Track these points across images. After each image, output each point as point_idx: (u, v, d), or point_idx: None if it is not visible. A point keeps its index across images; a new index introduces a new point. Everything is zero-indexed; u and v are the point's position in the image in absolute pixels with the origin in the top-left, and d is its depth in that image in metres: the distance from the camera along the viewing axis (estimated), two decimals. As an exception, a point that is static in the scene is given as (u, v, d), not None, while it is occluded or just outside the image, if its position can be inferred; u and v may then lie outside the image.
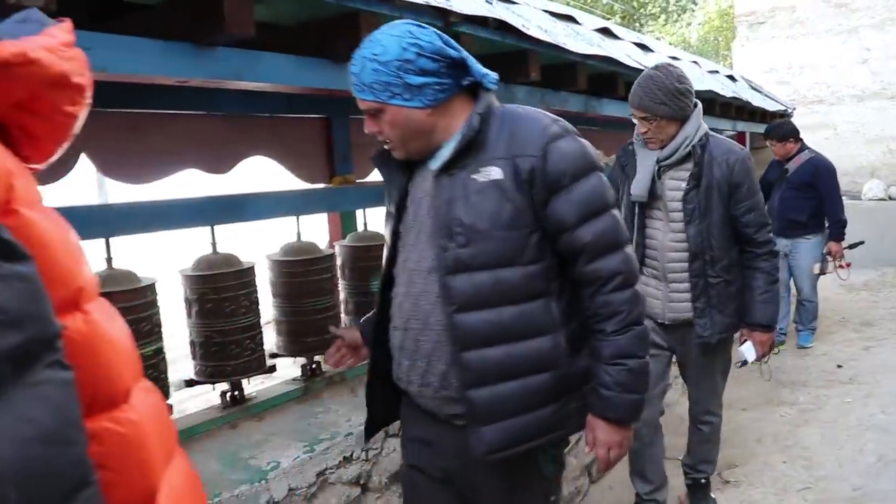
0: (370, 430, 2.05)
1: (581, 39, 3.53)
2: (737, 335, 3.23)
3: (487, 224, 1.67)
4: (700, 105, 3.00)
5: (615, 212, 1.76)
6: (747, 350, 3.20)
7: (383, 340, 1.90)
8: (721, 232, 2.98)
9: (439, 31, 1.67)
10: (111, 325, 0.84)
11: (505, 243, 1.68)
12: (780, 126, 6.23)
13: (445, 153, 1.71)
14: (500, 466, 1.79)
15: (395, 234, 1.87)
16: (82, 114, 0.83)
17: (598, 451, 1.82)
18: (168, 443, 0.94)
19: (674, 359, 3.35)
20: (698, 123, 2.96)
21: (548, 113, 1.77)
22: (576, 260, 1.73)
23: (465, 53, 1.67)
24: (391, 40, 1.61)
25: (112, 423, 0.80)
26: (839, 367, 5.70)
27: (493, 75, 1.71)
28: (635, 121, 3.00)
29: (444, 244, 1.70)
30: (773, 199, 6.06)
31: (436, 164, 1.74)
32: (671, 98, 2.86)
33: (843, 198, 6.32)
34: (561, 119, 1.76)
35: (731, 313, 3.07)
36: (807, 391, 5.21)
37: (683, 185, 2.97)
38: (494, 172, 1.68)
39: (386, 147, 1.77)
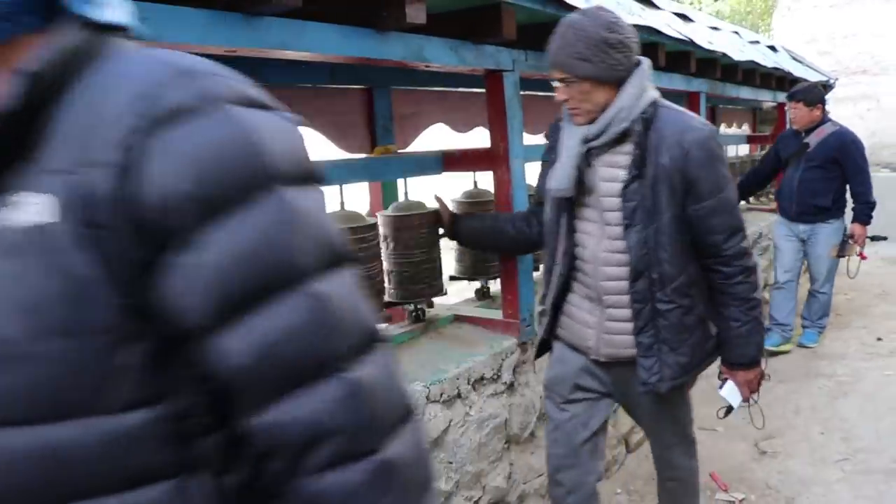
0: None
1: (621, 9, 3.50)
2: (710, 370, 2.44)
3: (17, 326, 0.69)
4: (644, 64, 2.16)
5: (324, 287, 0.76)
6: (730, 394, 2.40)
7: None
8: (673, 240, 2.16)
9: None
10: None
11: (54, 368, 0.70)
12: (809, 89, 5.28)
13: None
14: None
15: None
16: None
17: None
18: None
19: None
20: (640, 90, 2.13)
21: (198, 60, 0.76)
22: (230, 405, 0.77)
23: None
24: None
25: None
26: (879, 339, 5.65)
27: None
28: (555, 84, 2.19)
29: None
30: (791, 179, 5.33)
31: None
32: (596, 52, 2.05)
33: (886, 170, 6.08)
34: (224, 73, 0.77)
35: (688, 351, 2.24)
36: (845, 363, 5.17)
37: (622, 174, 2.16)
38: (33, 208, 0.69)
39: None
